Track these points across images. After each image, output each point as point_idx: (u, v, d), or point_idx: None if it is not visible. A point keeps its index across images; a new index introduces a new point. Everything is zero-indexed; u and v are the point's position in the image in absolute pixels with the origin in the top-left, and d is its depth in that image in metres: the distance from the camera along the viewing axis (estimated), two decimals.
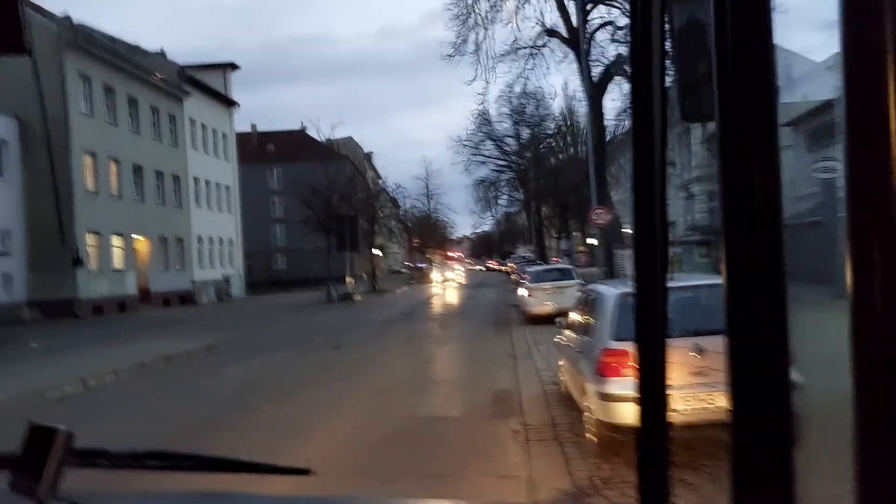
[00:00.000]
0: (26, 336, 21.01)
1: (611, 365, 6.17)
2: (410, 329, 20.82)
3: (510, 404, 9.27)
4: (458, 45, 34.17)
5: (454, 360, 13.77)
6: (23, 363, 14.84)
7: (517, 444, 7.29)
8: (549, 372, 11.24)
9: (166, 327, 23.29)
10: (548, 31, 34.32)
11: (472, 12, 33.46)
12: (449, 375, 12.09)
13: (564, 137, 55.29)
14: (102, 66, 32.01)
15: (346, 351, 16.09)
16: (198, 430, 8.57)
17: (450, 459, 6.95)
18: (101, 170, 31.76)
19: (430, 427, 8.41)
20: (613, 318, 6.55)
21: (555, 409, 8.67)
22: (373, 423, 8.70)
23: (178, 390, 12.02)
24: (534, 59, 35.05)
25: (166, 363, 15.10)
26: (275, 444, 7.62)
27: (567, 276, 21.26)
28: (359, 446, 7.59)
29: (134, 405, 10.91)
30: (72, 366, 13.88)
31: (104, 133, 32.09)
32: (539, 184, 55.83)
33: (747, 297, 0.61)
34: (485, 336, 17.87)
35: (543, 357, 13.04)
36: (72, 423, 1.39)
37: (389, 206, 57.08)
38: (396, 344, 17.17)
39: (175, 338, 19.27)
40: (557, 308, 17.02)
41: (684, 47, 0.90)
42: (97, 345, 18.16)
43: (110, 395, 11.93)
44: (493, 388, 10.44)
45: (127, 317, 29.95)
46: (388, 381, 11.60)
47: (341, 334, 19.56)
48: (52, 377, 12.43)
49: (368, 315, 27.29)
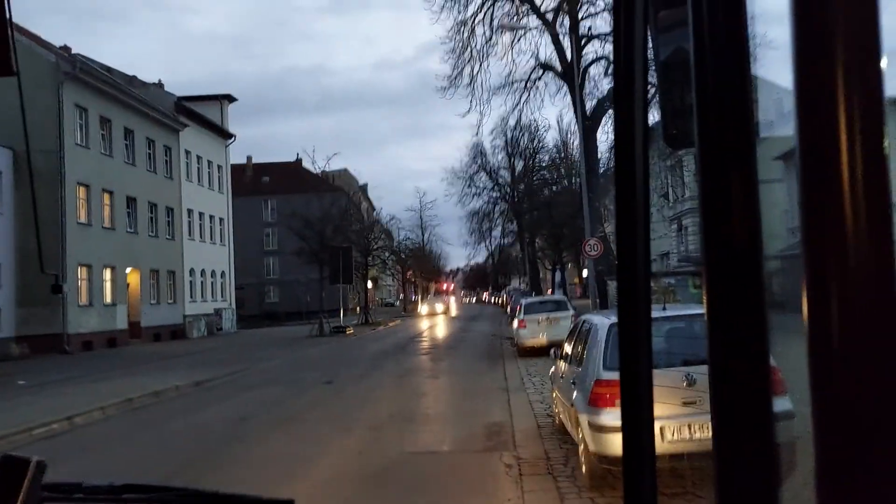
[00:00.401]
0: (14, 372, 20.76)
1: (603, 396, 6.10)
2: (403, 363, 20.65)
3: (503, 438, 9.14)
4: (454, 78, 34.61)
5: (447, 395, 13.63)
6: (10, 400, 14.61)
7: (510, 478, 7.17)
8: (543, 405, 11.14)
9: (156, 362, 23.05)
10: (542, 65, 34.81)
11: (467, 46, 33.95)
12: (441, 410, 11.94)
13: (558, 169, 55.69)
14: (99, 97, 32.12)
15: (337, 386, 15.91)
16: (183, 468, 8.41)
17: (441, 495, 6.82)
18: (94, 201, 31.69)
19: (421, 462, 8.27)
20: (606, 348, 6.48)
21: (549, 443, 8.56)
22: (364, 459, 8.54)
23: (165, 427, 11.82)
24: (528, 92, 35.52)
25: (155, 399, 14.90)
26: (263, 481, 7.47)
27: (561, 307, 21.14)
28: (349, 482, 7.45)
29: (119, 442, 10.73)
30: (59, 402, 13.68)
31: (99, 164, 32.10)
32: (533, 215, 56.06)
33: (727, 325, 0.61)
34: (478, 369, 17.72)
35: (537, 389, 12.94)
36: (57, 460, 1.33)
37: (383, 238, 57.08)
38: (389, 378, 16.99)
39: (164, 373, 19.06)
40: (551, 340, 16.93)
41: (670, 75, 0.91)
42: (85, 381, 17.92)
43: (97, 431, 11.73)
44: (485, 421, 10.31)
45: (116, 352, 29.65)
46: (380, 416, 11.44)
47: (333, 369, 19.37)
48: (39, 414, 12.23)
49: (361, 349, 27.09)
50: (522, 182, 57.05)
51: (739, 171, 0.60)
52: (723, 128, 0.60)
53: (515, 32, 32.71)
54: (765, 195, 0.67)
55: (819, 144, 0.50)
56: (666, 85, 0.92)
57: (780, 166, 31.33)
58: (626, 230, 0.89)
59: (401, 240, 66.02)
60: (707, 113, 0.61)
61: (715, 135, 0.61)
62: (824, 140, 0.49)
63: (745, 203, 0.60)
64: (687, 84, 0.63)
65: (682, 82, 0.87)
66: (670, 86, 0.92)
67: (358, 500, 6.71)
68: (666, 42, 0.90)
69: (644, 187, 0.89)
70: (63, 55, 30.35)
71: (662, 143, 0.96)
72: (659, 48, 0.92)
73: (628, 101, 0.89)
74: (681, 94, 0.90)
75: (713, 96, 0.60)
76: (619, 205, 0.90)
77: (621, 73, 0.89)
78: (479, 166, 57.28)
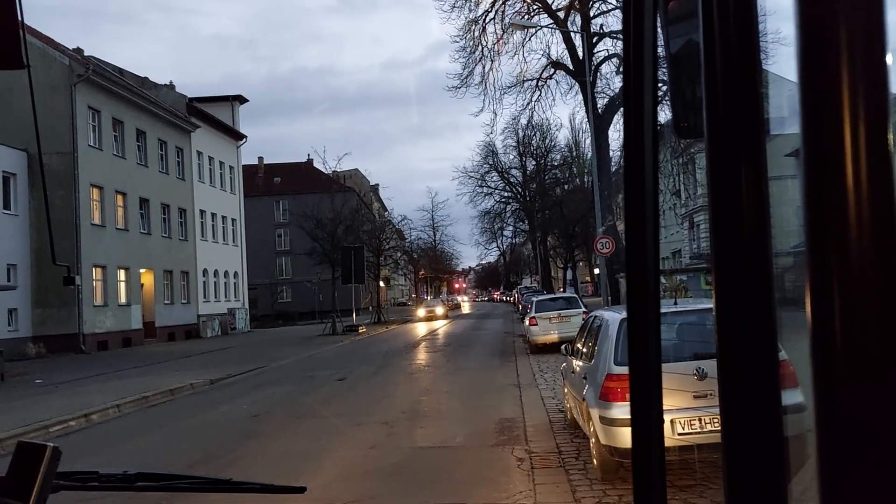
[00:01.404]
0: (31, 371, 20.99)
1: (614, 390, 6.13)
2: (415, 360, 20.72)
3: (515, 433, 9.17)
4: (465, 77, 34.62)
5: (459, 391, 13.66)
6: (27, 398, 14.81)
7: (522, 471, 7.20)
8: (555, 400, 11.16)
9: (170, 361, 23.23)
10: (554, 64, 34.74)
11: (479, 45, 33.95)
12: (453, 406, 11.98)
13: (570, 168, 55.57)
14: (112, 98, 32.37)
15: (350, 383, 16.00)
16: (198, 462, 8.50)
17: (454, 488, 6.86)
18: (107, 203, 31.95)
19: (433, 456, 8.31)
20: (616, 343, 6.51)
21: (560, 437, 8.58)
22: (376, 453, 8.60)
23: (180, 424, 11.94)
24: (540, 90, 35.48)
25: (170, 396, 15.03)
26: (276, 475, 7.55)
27: (572, 304, 21.15)
28: (362, 476, 7.50)
29: (134, 439, 10.84)
30: (76, 400, 13.84)
31: (112, 166, 32.37)
32: (545, 214, 55.94)
33: (736, 318, 0.61)
34: (490, 365, 17.76)
35: (548, 385, 12.96)
36: (75, 456, 1.38)
37: (395, 238, 57.14)
38: (401, 375, 17.07)
39: (179, 372, 19.22)
40: (562, 336, 16.95)
41: (681, 67, 0.90)
42: (101, 379, 18.09)
43: (113, 428, 11.87)
44: (497, 416, 10.34)
45: (132, 351, 29.89)
46: (393, 411, 11.50)
47: (345, 367, 19.45)
48: (55, 412, 12.39)
49: (373, 347, 27.18)
50: (534, 181, 56.96)
51: (748, 163, 0.60)
52: (732, 120, 0.60)
53: (527, 31, 32.69)
54: (778, 191, 0.68)
55: (823, 141, 0.50)
56: (677, 77, 0.92)
57: (793, 162, 31.35)
58: (635, 225, 0.89)
59: (412, 240, 66.06)
60: (716, 105, 0.61)
61: (724, 127, 0.61)
62: (829, 137, 0.50)
63: (755, 196, 0.60)
64: (698, 76, 0.63)
65: (693, 74, 0.85)
66: (681, 78, 0.91)
67: (370, 493, 6.76)
68: (677, 34, 0.90)
69: (653, 183, 0.89)
70: (76, 57, 30.59)
71: (675, 140, 0.93)
72: (670, 40, 0.91)
73: (638, 95, 0.88)
74: (692, 86, 0.89)
75: (722, 88, 0.60)
76: (629, 200, 0.90)
77: (631, 67, 0.88)
78: (491, 166, 57.29)
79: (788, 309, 0.68)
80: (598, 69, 32.54)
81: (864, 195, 0.48)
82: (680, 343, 6.40)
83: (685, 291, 22.41)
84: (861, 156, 0.48)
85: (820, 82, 0.50)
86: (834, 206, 0.50)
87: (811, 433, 0.50)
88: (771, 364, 0.61)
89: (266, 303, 61.01)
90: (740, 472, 0.61)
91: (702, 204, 41.68)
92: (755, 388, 0.60)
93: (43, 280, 27.93)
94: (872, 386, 0.48)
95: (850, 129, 0.49)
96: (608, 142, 33.46)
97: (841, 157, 0.49)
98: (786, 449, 0.61)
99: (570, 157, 55.01)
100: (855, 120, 0.48)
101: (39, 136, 2.95)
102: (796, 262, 0.60)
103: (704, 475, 5.88)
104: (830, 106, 0.50)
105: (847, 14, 0.49)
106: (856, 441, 0.49)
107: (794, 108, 0.52)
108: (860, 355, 0.48)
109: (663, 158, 28.21)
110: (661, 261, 4.39)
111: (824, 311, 0.50)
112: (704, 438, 5.55)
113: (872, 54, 0.49)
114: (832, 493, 0.50)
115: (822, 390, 0.50)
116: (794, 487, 0.63)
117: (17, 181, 27.95)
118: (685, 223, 44.65)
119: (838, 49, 0.49)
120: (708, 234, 6.12)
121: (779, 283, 0.64)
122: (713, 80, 0.61)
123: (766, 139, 0.62)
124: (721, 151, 0.61)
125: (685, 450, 5.53)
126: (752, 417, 0.60)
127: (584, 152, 51.51)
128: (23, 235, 27.90)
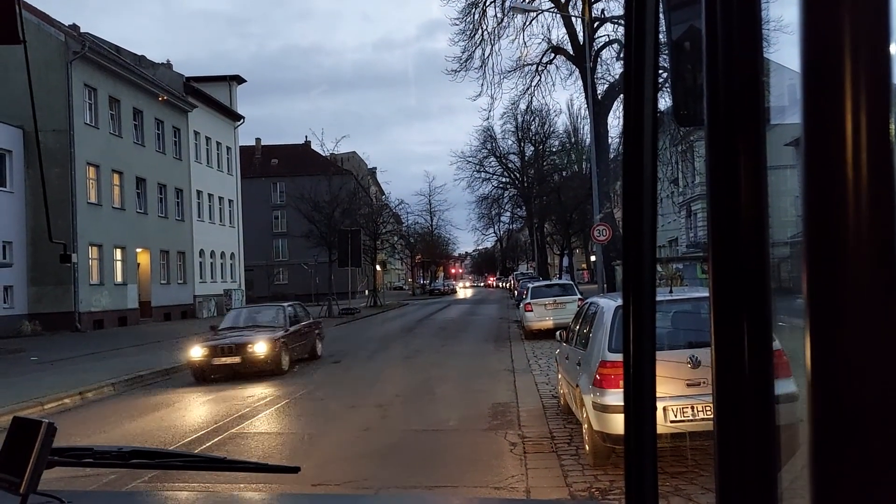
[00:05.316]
0: (26, 348, 20.98)
1: (608, 377, 6.15)
2: (410, 344, 20.75)
3: (508, 417, 9.22)
4: (465, 61, 34.45)
5: (453, 375, 13.71)
6: (22, 376, 14.81)
7: (514, 456, 7.24)
8: (549, 386, 11.20)
9: (166, 341, 23.24)
10: (554, 49, 34.58)
11: (478, 28, 33.77)
12: (448, 390, 12.02)
13: (569, 154, 55.44)
14: (108, 76, 32.13)
15: (344, 366, 16.04)
16: (194, 442, 8.53)
17: (446, 471, 6.90)
18: (104, 181, 31.81)
19: (427, 440, 8.36)
20: (611, 330, 6.52)
21: (553, 422, 8.63)
22: (370, 436, 8.64)
23: (175, 405, 11.96)
24: (539, 75, 35.35)
25: (165, 377, 15.05)
26: (269, 457, 7.59)
27: (568, 291, 21.19)
28: (355, 458, 7.54)
29: (128, 418, 10.86)
30: (71, 378, 13.85)
31: (108, 144, 32.18)
32: (542, 201, 55.85)
33: (731, 307, 0.61)
34: (484, 351, 17.81)
35: (542, 371, 13.01)
36: (71, 434, 1.38)
37: (392, 222, 57.03)
38: (396, 359, 17.12)
39: (175, 351, 19.23)
40: (557, 323, 17.00)
41: (682, 54, 0.90)
42: (97, 358, 18.11)
43: (108, 407, 11.89)
44: (491, 401, 10.39)
45: (127, 330, 29.88)
46: (387, 394, 11.54)
47: (341, 349, 19.49)
48: (51, 390, 12.40)
49: (369, 330, 27.23)
50: (532, 167, 56.83)
51: (748, 152, 0.60)
52: (732, 108, 0.60)
53: (527, 14, 32.51)
54: (776, 181, 0.67)
55: (824, 132, 0.50)
56: (678, 64, 0.91)
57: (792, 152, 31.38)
58: (632, 213, 0.89)
59: (409, 224, 65.94)
60: (717, 93, 0.60)
61: (724, 115, 0.60)
62: (830, 127, 0.49)
63: (753, 185, 0.60)
64: (699, 63, 0.63)
65: (695, 61, 0.86)
66: (682, 65, 0.91)
67: (363, 474, 6.80)
68: (679, 19, 0.89)
69: (652, 170, 0.88)
70: (72, 34, 30.33)
71: (674, 128, 0.92)
72: (671, 26, 0.91)
73: (638, 82, 0.87)
74: (693, 73, 0.89)
75: (723, 76, 0.60)
76: (627, 187, 0.89)
77: (632, 53, 0.88)
78: (489, 151, 57.15)
79: (784, 299, 0.67)
80: (598, 55, 32.42)
81: (864, 186, 0.48)
82: (674, 331, 6.43)
83: (681, 280, 22.47)
84: (862, 146, 0.48)
85: (822, 71, 0.50)
86: (833, 196, 0.49)
87: (803, 423, 0.50)
88: (765, 353, 0.61)
89: (262, 284, 60.94)
90: (731, 460, 0.61)
91: (700, 192, 41.69)
92: (748, 377, 0.61)
93: (39, 258, 27.87)
94: (868, 377, 0.48)
95: (851, 119, 0.48)
96: (607, 128, 33.43)
97: (842, 147, 0.49)
98: (777, 438, 0.61)
99: (569, 143, 54.90)
100: (857, 110, 0.48)
101: (35, 113, 2.93)
102: (793, 253, 0.59)
103: (696, 462, 5.92)
104: (832, 95, 0.49)
105: (850, 2, 0.48)
106: (849, 432, 0.49)
107: (795, 97, 0.51)
108: (856, 346, 0.48)
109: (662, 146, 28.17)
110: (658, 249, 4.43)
111: (821, 302, 0.50)
112: (697, 426, 5.58)
113: (875, 43, 0.48)
114: (823, 483, 0.50)
115: (817, 381, 0.50)
116: (784, 476, 0.63)
117: (12, 158, 27.82)
118: (682, 211, 44.68)
119: (841, 38, 0.49)
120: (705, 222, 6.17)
121: (775, 273, 0.63)
122: (714, 68, 0.60)
123: (767, 128, 0.62)
124: (721, 140, 0.61)
125: (677, 437, 5.56)
126: (745, 406, 0.61)
127: (582, 139, 51.45)
128: (19, 213, 27.80)
